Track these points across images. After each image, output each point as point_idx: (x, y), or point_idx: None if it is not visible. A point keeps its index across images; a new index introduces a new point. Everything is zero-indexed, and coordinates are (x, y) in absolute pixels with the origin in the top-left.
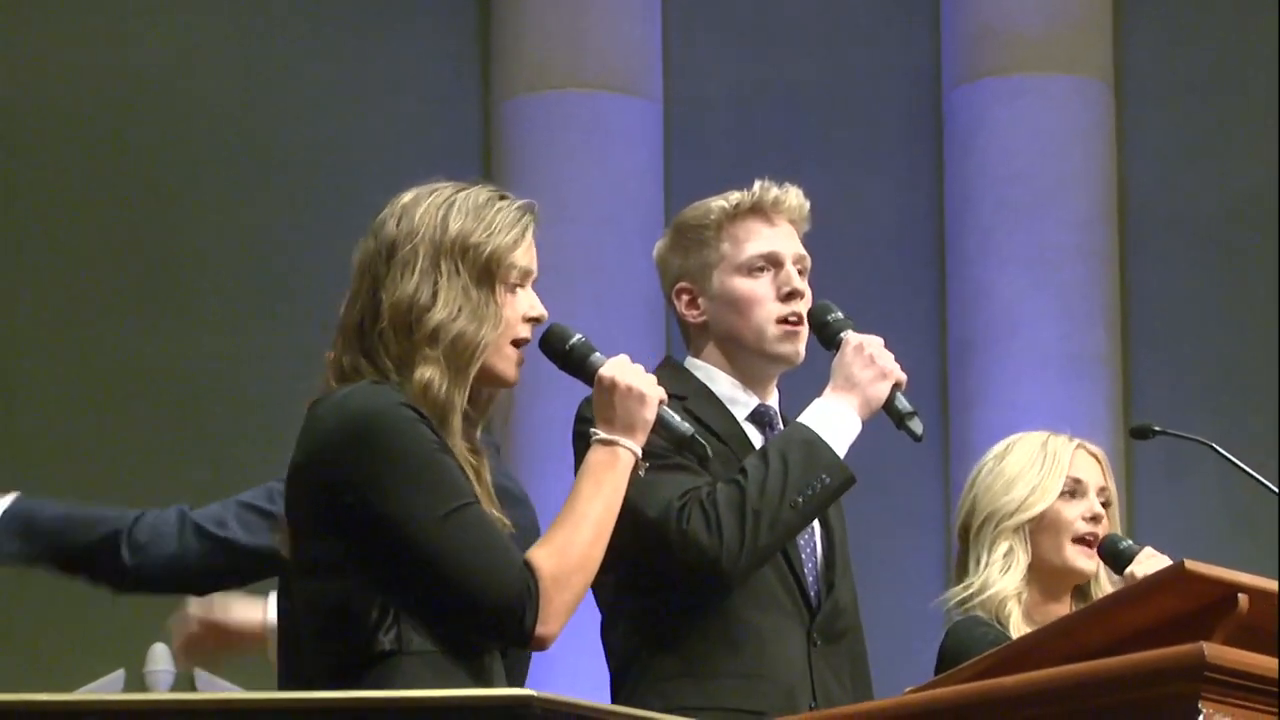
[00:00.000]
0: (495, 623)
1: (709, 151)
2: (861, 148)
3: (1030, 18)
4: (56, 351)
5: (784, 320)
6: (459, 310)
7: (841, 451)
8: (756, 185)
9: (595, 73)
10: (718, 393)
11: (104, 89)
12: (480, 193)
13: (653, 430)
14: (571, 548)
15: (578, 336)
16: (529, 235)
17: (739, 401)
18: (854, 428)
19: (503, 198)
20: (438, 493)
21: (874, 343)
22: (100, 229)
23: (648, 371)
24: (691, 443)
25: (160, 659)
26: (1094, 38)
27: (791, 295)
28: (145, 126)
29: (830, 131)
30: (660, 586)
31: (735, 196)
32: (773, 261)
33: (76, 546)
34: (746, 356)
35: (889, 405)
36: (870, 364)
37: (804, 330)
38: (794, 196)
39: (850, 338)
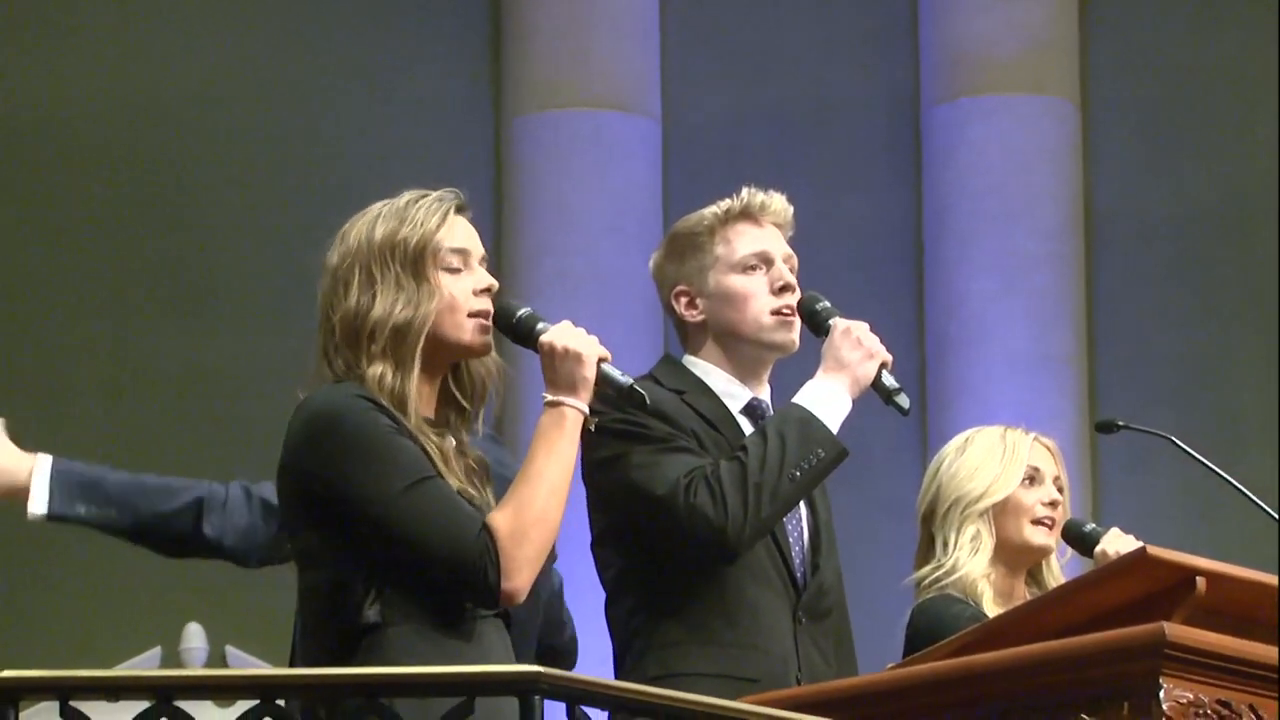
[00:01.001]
0: (462, 584)
1: (704, 166)
2: (846, 163)
3: (1003, 42)
4: (97, 352)
5: (778, 312)
6: (394, 302)
7: (834, 428)
8: (744, 192)
9: (599, 92)
10: (713, 387)
11: (141, 112)
12: (402, 197)
13: (595, 385)
14: (527, 505)
15: (524, 309)
16: (451, 217)
17: (733, 395)
18: (845, 406)
19: (424, 195)
20: (395, 470)
21: (860, 327)
22: (136, 240)
23: (646, 368)
24: (631, 392)
25: (194, 637)
26: (1062, 61)
27: (784, 289)
28: (177, 146)
29: (817, 148)
30: (666, 564)
31: (726, 203)
32: (764, 260)
33: (154, 513)
34: (744, 348)
35: (877, 383)
36: (858, 345)
37: (797, 321)
38: (779, 201)
39: (838, 323)
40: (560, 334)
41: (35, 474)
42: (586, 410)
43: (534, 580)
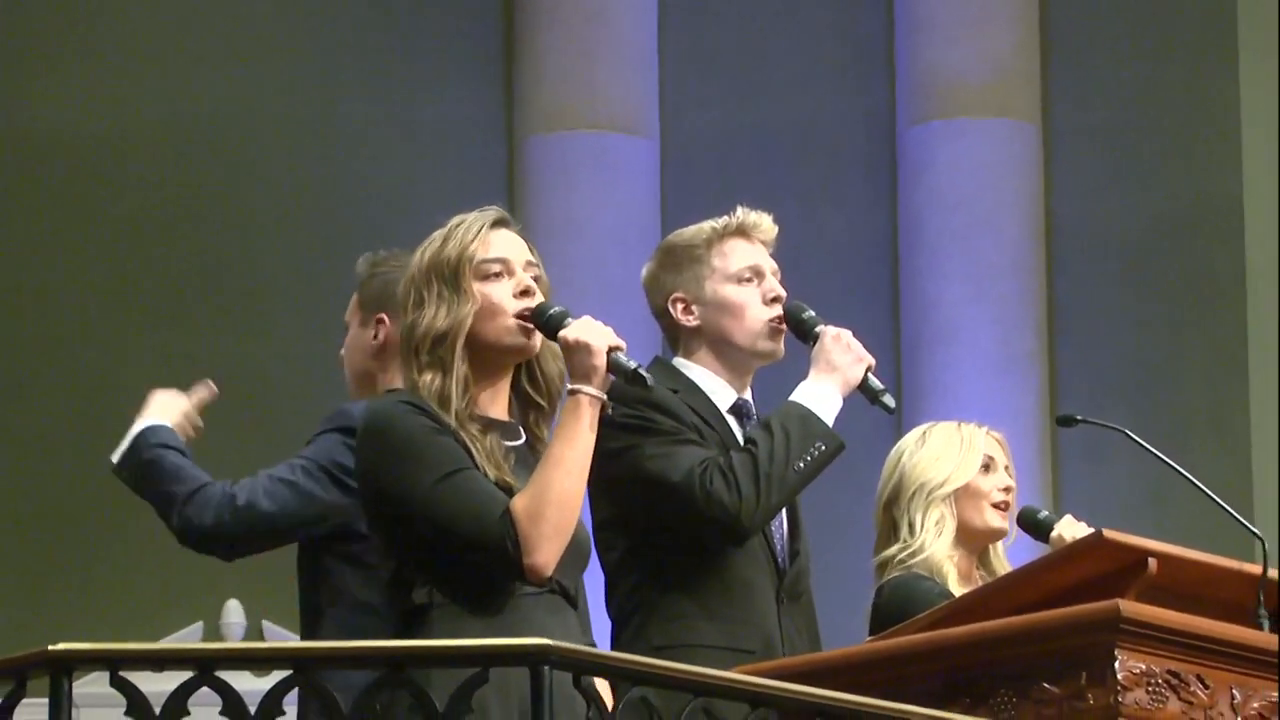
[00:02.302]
0: (490, 563)
1: (698, 182)
2: (828, 180)
3: (971, 70)
4: (147, 356)
5: (770, 322)
6: (435, 314)
7: (829, 423)
8: (739, 211)
9: (602, 115)
10: (703, 388)
11: (183, 133)
12: (451, 221)
13: (607, 372)
14: (544, 488)
15: (555, 309)
16: (487, 230)
17: (721, 395)
18: (837, 404)
19: (466, 217)
20: (429, 465)
21: (846, 334)
22: (183, 251)
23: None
24: (635, 376)
25: (233, 613)
26: (1025, 87)
27: (775, 300)
28: (218, 164)
29: (801, 166)
30: (673, 545)
31: (723, 220)
32: (756, 273)
33: (148, 492)
34: (736, 354)
35: (864, 384)
36: (847, 350)
37: (785, 331)
38: (767, 221)
39: (827, 330)
40: (576, 328)
41: (133, 428)
42: (603, 396)
43: (559, 556)
